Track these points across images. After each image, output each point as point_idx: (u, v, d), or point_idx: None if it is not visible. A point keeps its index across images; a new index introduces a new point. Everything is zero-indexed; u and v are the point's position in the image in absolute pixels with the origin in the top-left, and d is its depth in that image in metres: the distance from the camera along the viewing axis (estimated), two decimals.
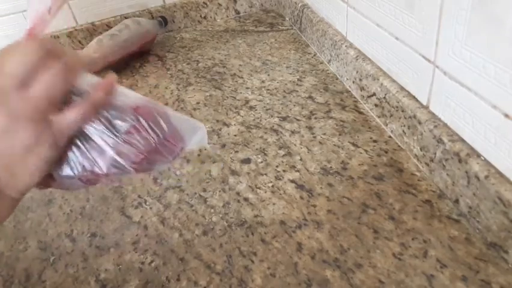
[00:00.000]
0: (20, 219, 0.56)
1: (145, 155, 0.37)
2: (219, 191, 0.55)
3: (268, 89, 0.75)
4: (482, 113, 0.42)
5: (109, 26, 0.99)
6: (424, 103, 0.53)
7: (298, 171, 0.56)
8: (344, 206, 0.50)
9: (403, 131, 0.56)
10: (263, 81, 0.78)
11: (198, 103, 0.75)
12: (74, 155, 0.35)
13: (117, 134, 0.35)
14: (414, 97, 0.54)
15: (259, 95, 0.74)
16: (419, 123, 0.52)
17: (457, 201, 0.47)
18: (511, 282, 0.39)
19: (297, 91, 0.73)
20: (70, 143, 0.34)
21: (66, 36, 0.99)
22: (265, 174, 0.57)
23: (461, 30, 0.42)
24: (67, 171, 0.35)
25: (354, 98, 0.70)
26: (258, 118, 0.68)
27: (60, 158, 0.34)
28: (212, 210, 0.53)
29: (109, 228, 0.53)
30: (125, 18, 0.99)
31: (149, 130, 0.37)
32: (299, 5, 0.92)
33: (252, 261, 0.46)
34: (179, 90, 0.80)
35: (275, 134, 0.64)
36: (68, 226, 0.54)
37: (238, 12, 1.10)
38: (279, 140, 0.63)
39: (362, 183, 0.53)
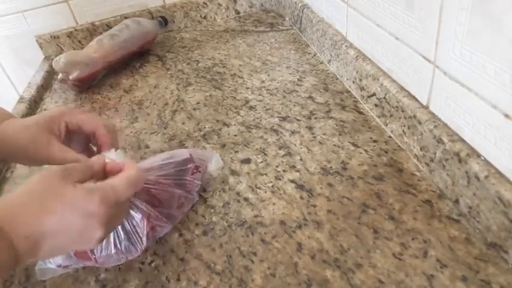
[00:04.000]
0: None
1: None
2: (219, 191, 0.55)
3: (268, 89, 0.75)
4: (482, 113, 0.42)
5: (109, 26, 0.99)
6: (424, 103, 0.53)
7: (298, 171, 0.56)
8: (344, 206, 0.50)
9: (403, 131, 0.56)
10: (263, 81, 0.78)
11: (198, 103, 0.75)
12: None
13: None
14: (414, 97, 0.54)
15: (259, 95, 0.74)
16: (419, 123, 0.52)
17: (457, 201, 0.47)
18: (511, 282, 0.39)
19: (297, 91, 0.73)
20: None
21: (66, 36, 0.99)
22: (265, 174, 0.57)
23: (461, 30, 0.42)
24: None
25: (354, 98, 0.70)
26: (258, 118, 0.68)
27: None
28: (212, 210, 0.53)
29: None
30: (125, 18, 0.99)
31: None
32: (299, 5, 0.92)
33: (252, 261, 0.46)
34: (179, 90, 0.80)
35: (275, 134, 0.64)
36: None
37: (238, 12, 1.10)
38: (279, 140, 0.63)
39: (362, 183, 0.53)
